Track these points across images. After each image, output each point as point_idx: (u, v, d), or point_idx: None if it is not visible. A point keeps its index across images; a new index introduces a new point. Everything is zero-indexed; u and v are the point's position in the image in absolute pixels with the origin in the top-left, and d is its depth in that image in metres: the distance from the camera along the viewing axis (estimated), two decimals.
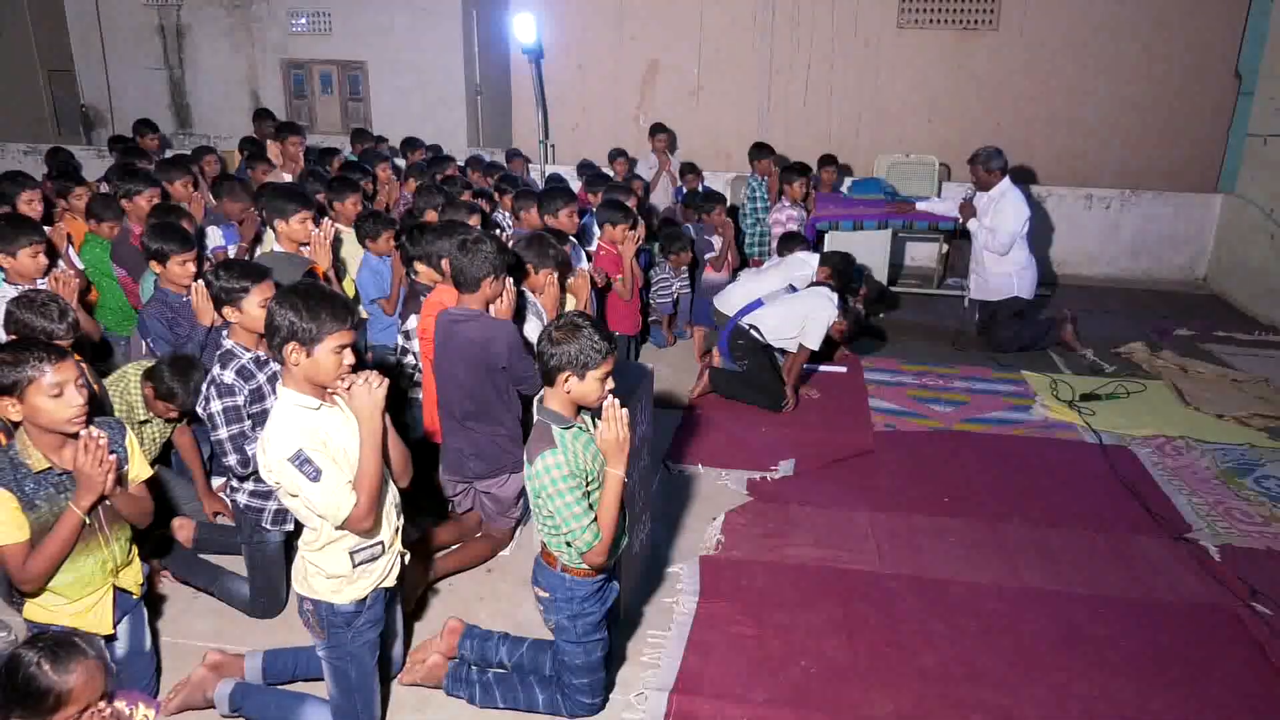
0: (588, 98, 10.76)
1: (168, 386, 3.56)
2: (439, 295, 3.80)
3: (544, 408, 2.65)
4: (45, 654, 1.97)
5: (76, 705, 1.97)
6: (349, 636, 2.65)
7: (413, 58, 10.23)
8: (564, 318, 2.66)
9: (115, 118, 11.19)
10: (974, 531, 4.16)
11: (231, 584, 3.54)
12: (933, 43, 9.97)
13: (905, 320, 7.61)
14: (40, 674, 1.94)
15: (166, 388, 3.57)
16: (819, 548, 4.00)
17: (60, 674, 1.95)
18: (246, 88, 10.92)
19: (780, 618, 3.48)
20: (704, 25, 10.36)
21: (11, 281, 3.94)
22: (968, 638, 3.40)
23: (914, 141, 9.87)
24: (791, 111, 10.38)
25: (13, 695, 1.95)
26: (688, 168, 8.47)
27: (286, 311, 2.43)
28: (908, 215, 7.67)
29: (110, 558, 2.73)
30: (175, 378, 3.56)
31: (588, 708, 2.89)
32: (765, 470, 4.73)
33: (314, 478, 2.41)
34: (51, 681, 1.94)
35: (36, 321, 3.15)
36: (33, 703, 1.94)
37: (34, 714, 1.95)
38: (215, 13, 10.70)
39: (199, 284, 3.77)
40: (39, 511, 2.53)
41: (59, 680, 1.95)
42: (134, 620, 2.92)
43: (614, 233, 5.58)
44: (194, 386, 3.52)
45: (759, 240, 7.96)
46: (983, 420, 5.43)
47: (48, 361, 2.48)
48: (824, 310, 5.29)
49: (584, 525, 2.55)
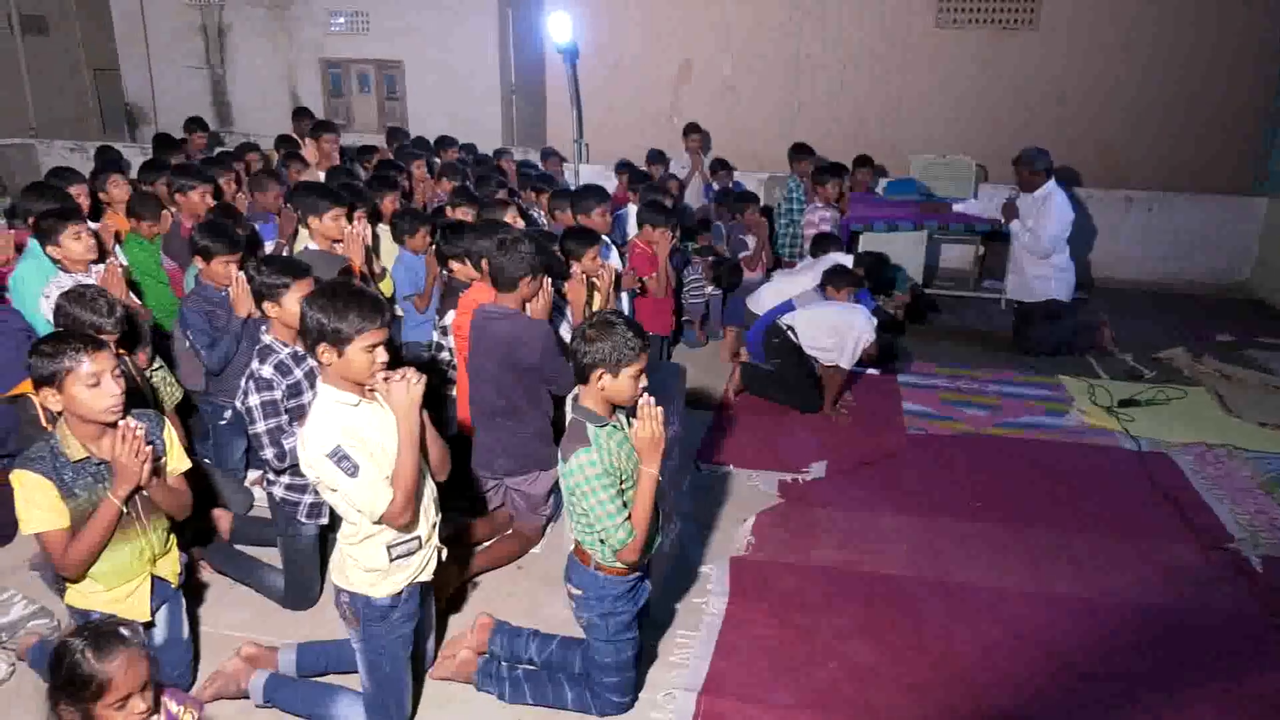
0: (620, 97, 10.77)
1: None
2: (475, 293, 3.83)
3: (579, 406, 2.66)
4: (89, 643, 2.02)
5: (118, 693, 2.02)
6: (384, 630, 2.68)
7: (448, 57, 10.31)
8: (598, 316, 2.67)
9: (158, 115, 11.40)
10: (1002, 536, 4.11)
11: (266, 576, 3.59)
12: (970, 42, 9.87)
13: (939, 323, 7.54)
14: (84, 661, 1.99)
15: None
16: (847, 551, 3.98)
17: (102, 662, 2.00)
18: (285, 86, 11.06)
19: (807, 620, 3.47)
20: (736, 25, 10.34)
21: (66, 270, 4.02)
22: (994, 643, 3.36)
23: (950, 142, 9.77)
24: (824, 112, 10.33)
25: (59, 681, 2.00)
26: (719, 164, 8.45)
27: (316, 312, 2.46)
28: (943, 217, 7.62)
29: (148, 547, 2.78)
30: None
31: (617, 706, 2.90)
32: (796, 472, 4.71)
33: (352, 473, 2.44)
34: (94, 669, 1.99)
35: (85, 315, 3.21)
36: (77, 689, 1.99)
37: (78, 700, 2.00)
38: (256, 12, 10.85)
39: (239, 275, 3.84)
40: (78, 500, 2.59)
41: (101, 668, 2.00)
42: (172, 609, 2.98)
43: (652, 233, 5.59)
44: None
45: (792, 241, 7.93)
46: (1016, 424, 5.37)
47: (85, 352, 2.54)
48: (860, 329, 5.23)
49: (618, 523, 2.56)
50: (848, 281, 5.52)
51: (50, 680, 2.04)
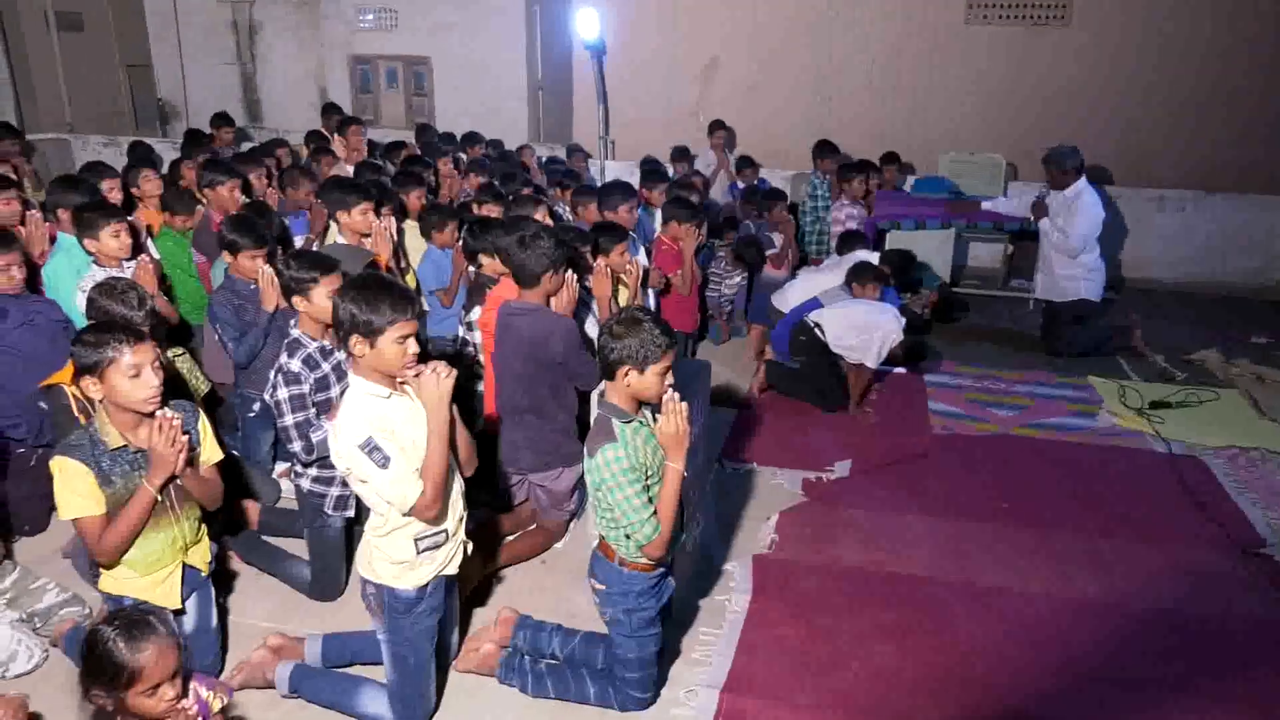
0: (646, 94, 10.76)
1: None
2: (503, 289, 3.84)
3: (605, 402, 2.67)
4: (121, 631, 2.05)
5: (149, 681, 2.05)
6: (409, 622, 2.70)
7: (476, 53, 10.35)
8: (624, 312, 2.67)
9: (190, 111, 11.53)
10: (1028, 539, 4.07)
11: (293, 567, 3.63)
12: (1000, 39, 9.76)
13: (966, 322, 7.48)
14: (116, 650, 2.03)
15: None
16: (871, 551, 3.96)
17: (134, 651, 2.04)
18: (314, 83, 11.15)
19: (830, 620, 3.46)
20: (763, 22, 10.29)
21: (100, 264, 4.08)
22: (1019, 647, 3.33)
23: (979, 139, 9.67)
24: (851, 109, 10.26)
25: (92, 669, 2.03)
26: (744, 162, 8.43)
27: (348, 304, 2.50)
28: (972, 215, 7.55)
29: (180, 535, 2.83)
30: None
31: (639, 702, 2.91)
32: (820, 471, 4.69)
33: (383, 465, 2.46)
34: (126, 657, 2.03)
35: (116, 308, 3.26)
36: (109, 677, 2.03)
37: (110, 688, 2.03)
38: (285, 9, 10.95)
39: (267, 268, 3.89)
40: (114, 487, 2.63)
41: (133, 656, 2.03)
42: (201, 597, 3.02)
43: (678, 230, 5.59)
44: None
45: (818, 238, 7.89)
46: (1044, 425, 5.31)
47: (127, 344, 2.60)
48: (887, 328, 5.19)
49: (643, 518, 2.56)
50: (873, 278, 5.48)
51: (82, 667, 2.08)
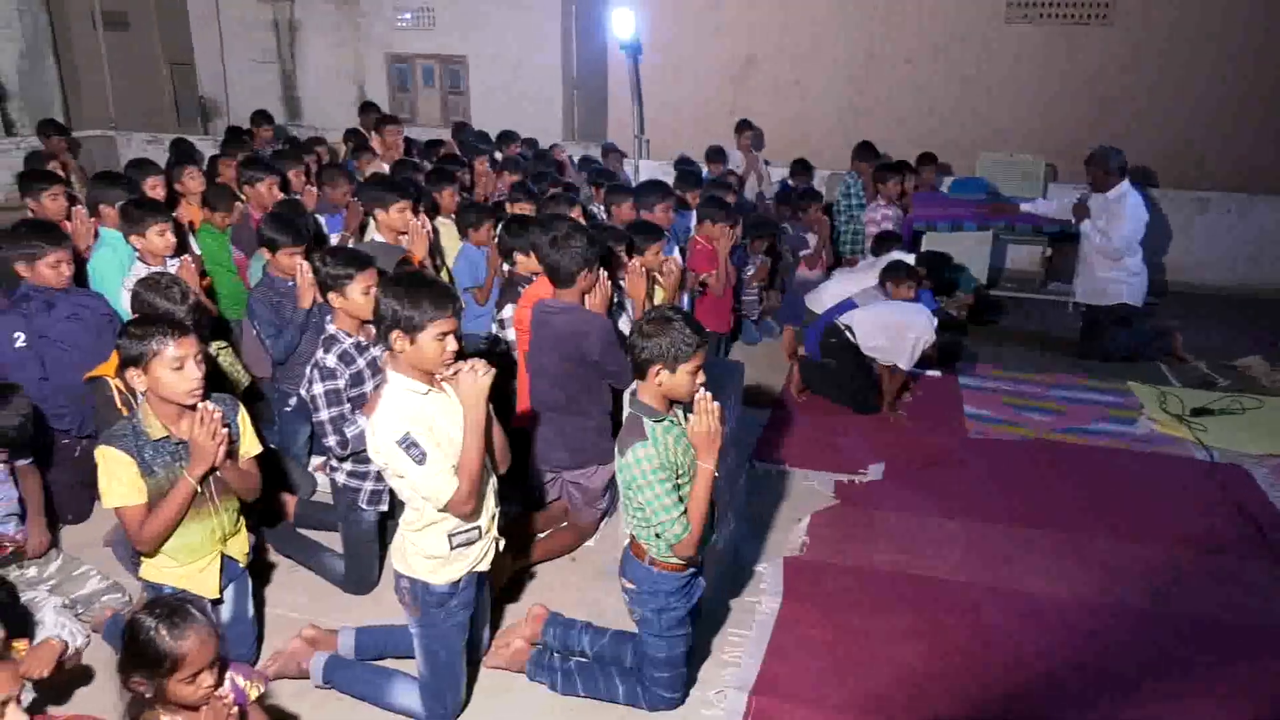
0: (681, 93, 10.74)
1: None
2: (539, 287, 3.86)
3: (636, 400, 2.67)
4: (163, 620, 2.09)
5: (190, 669, 2.09)
6: (441, 616, 2.72)
7: (511, 52, 10.41)
8: (655, 311, 2.67)
9: (230, 109, 11.71)
10: (1065, 545, 4.01)
11: (327, 559, 3.67)
12: (1041, 37, 9.62)
13: (1003, 325, 7.38)
14: (158, 638, 2.06)
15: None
16: (903, 554, 3.92)
17: (176, 639, 2.07)
18: (352, 81, 11.29)
19: (861, 623, 3.43)
20: (800, 20, 10.23)
21: (144, 261, 4.16)
22: (1055, 654, 3.28)
23: (1018, 140, 9.55)
24: (889, 109, 10.16)
25: (134, 657, 2.07)
26: (800, 166, 8.42)
27: (390, 300, 2.52)
28: (1010, 217, 7.45)
29: (219, 526, 2.88)
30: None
31: (668, 701, 2.90)
32: (853, 473, 4.66)
33: (420, 461, 2.48)
34: (168, 645, 2.06)
35: (160, 302, 3.32)
36: (151, 664, 2.06)
37: (152, 675, 2.07)
38: (325, 8, 11.09)
39: (304, 265, 3.94)
40: (156, 478, 2.68)
41: (174, 644, 2.07)
42: (238, 588, 3.07)
43: (712, 229, 5.58)
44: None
45: (852, 239, 7.84)
46: (1081, 431, 5.23)
47: (171, 337, 2.65)
48: (920, 329, 5.14)
49: (674, 518, 2.56)
50: (907, 277, 5.43)
51: (123, 654, 2.12)
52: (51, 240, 3.80)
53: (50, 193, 4.79)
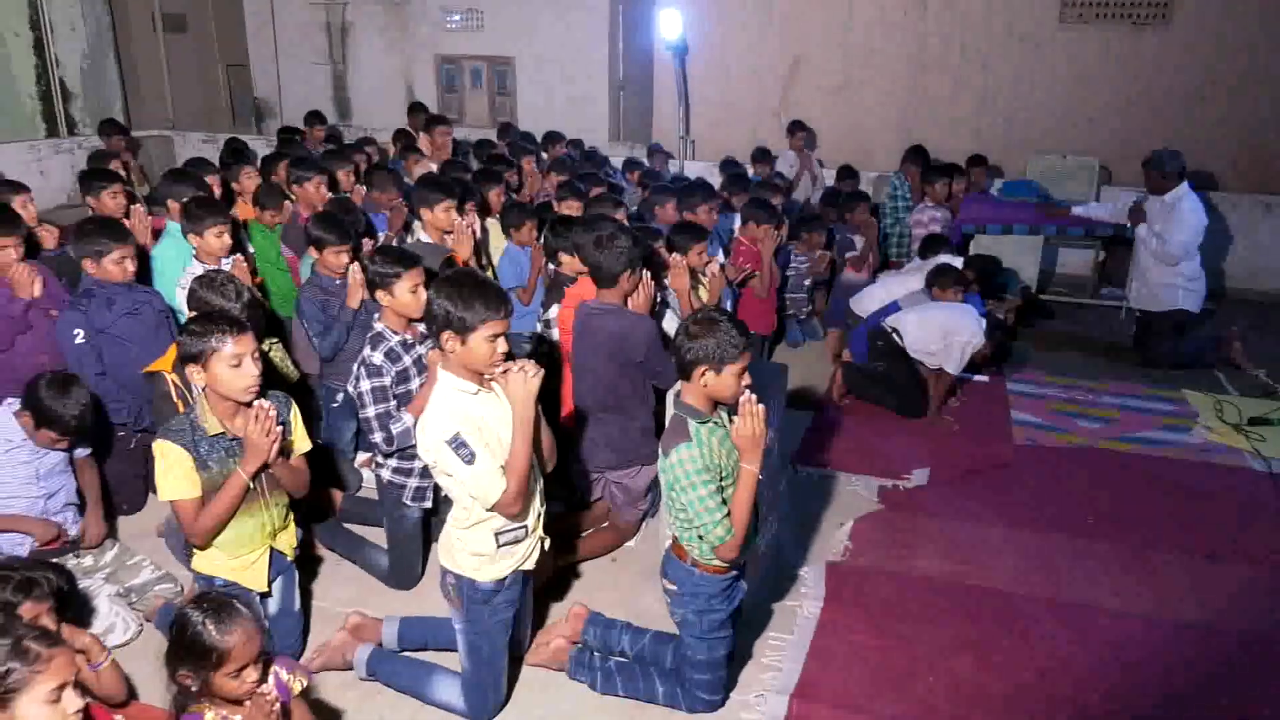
0: (729, 93, 10.71)
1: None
2: (582, 287, 3.87)
3: (680, 401, 2.67)
4: (209, 615, 2.13)
5: (236, 663, 2.13)
6: (486, 613, 2.74)
7: (559, 53, 10.46)
8: (702, 312, 2.67)
9: (283, 109, 11.92)
10: (1119, 556, 3.92)
11: (372, 554, 3.72)
12: (1097, 38, 9.43)
13: (1054, 330, 7.24)
14: (205, 632, 2.11)
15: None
16: (949, 561, 3.87)
17: (222, 634, 2.12)
18: (402, 82, 11.42)
19: (906, 630, 3.39)
20: (851, 21, 10.14)
21: (200, 260, 4.26)
22: (1107, 668, 3.21)
23: (1071, 142, 9.37)
24: (939, 109, 10.04)
25: (181, 650, 2.12)
26: (846, 172, 8.35)
27: (444, 301, 2.54)
28: (1062, 220, 7.31)
29: (269, 521, 2.93)
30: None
31: (707, 704, 2.90)
32: (897, 478, 4.61)
33: (469, 461, 2.50)
34: (215, 640, 2.11)
35: (215, 299, 3.39)
36: (197, 658, 2.11)
37: (199, 668, 2.12)
38: (376, 10, 11.24)
39: (355, 266, 3.99)
40: (210, 472, 2.74)
41: (221, 640, 2.12)
42: (286, 581, 3.12)
43: (756, 231, 5.56)
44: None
45: (898, 241, 7.76)
46: (1133, 439, 5.11)
47: (230, 334, 2.70)
48: (969, 333, 5.06)
49: (716, 519, 2.55)
50: (954, 281, 5.35)
51: (170, 647, 2.16)
52: (117, 237, 3.90)
53: (110, 191, 4.92)
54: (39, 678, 1.84)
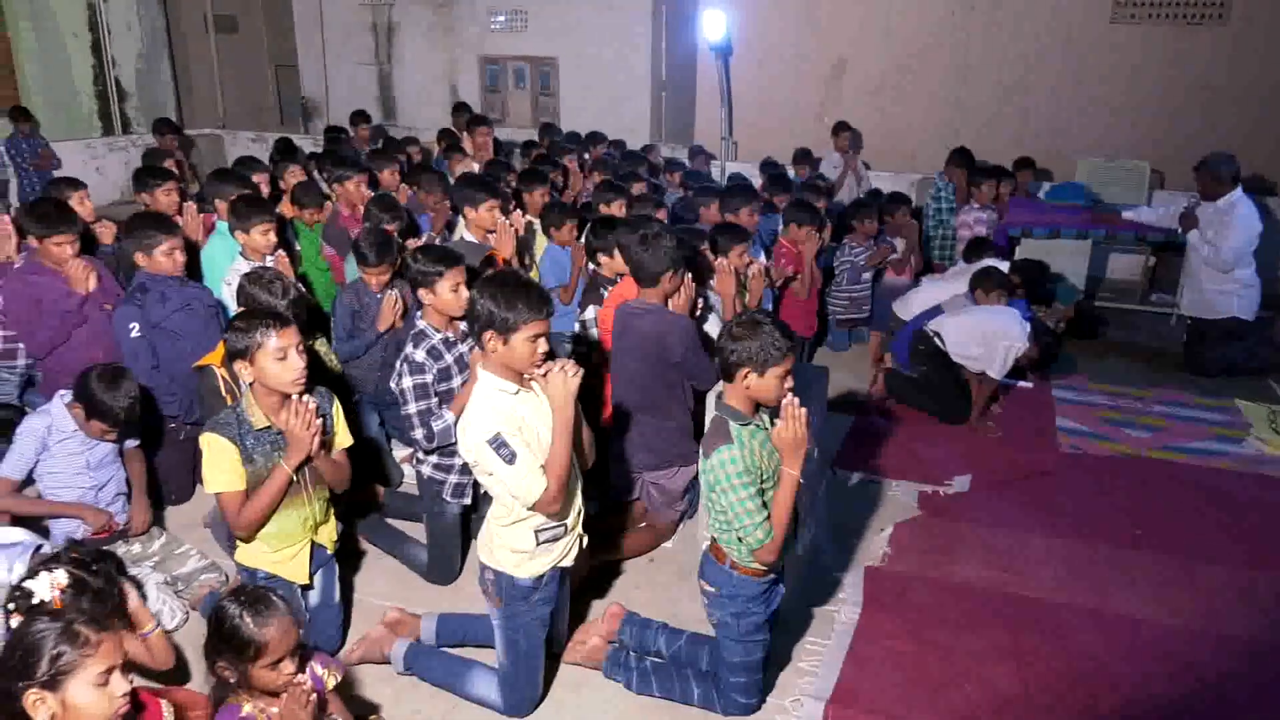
0: (770, 94, 10.65)
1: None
2: (624, 287, 3.88)
3: (722, 403, 2.66)
4: (247, 608, 2.18)
5: (273, 655, 2.18)
6: (524, 609, 2.76)
7: (602, 53, 10.49)
8: (745, 314, 2.66)
9: (330, 109, 12.10)
10: (1166, 568, 3.84)
11: (411, 549, 3.76)
12: (1149, 38, 9.23)
13: (1103, 337, 7.10)
14: (243, 625, 2.15)
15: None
16: (990, 569, 3.81)
17: (260, 627, 2.16)
18: (446, 82, 11.54)
19: (945, 638, 3.35)
20: (894, 21, 10.03)
21: (247, 257, 4.34)
22: (1152, 682, 3.15)
23: (1122, 145, 9.18)
24: (985, 111, 9.89)
25: (220, 643, 2.16)
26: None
27: (486, 301, 2.55)
28: (1111, 224, 7.16)
29: (311, 514, 2.97)
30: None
31: (743, 707, 2.88)
32: (938, 484, 4.55)
33: (509, 460, 2.52)
34: (252, 633, 2.15)
35: (262, 296, 3.45)
36: (236, 650, 2.15)
37: (237, 660, 2.16)
38: (422, 11, 11.36)
39: (392, 293, 4.09)
40: (255, 465, 2.79)
41: (258, 632, 2.16)
42: (327, 574, 3.16)
43: (798, 233, 5.53)
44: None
45: (941, 244, 7.66)
46: (1183, 449, 5.00)
47: (274, 328, 2.75)
48: (1013, 336, 4.99)
49: (756, 522, 2.54)
50: (997, 284, 5.27)
51: (210, 639, 2.20)
52: (165, 229, 3.99)
53: (164, 188, 5.02)
54: (88, 661, 1.88)
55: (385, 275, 4.18)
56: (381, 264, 4.16)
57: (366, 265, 4.17)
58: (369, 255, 4.15)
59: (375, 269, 4.16)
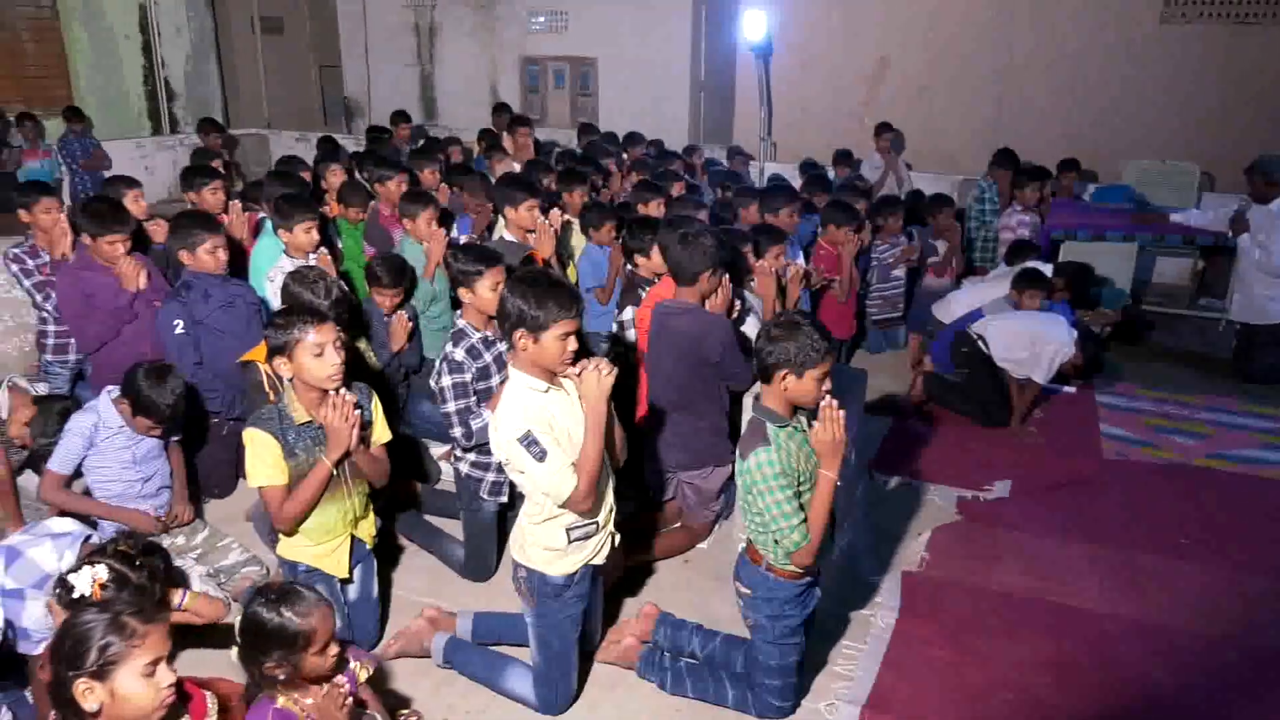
0: (810, 95, 10.58)
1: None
2: (662, 288, 3.87)
3: (760, 405, 2.65)
4: (283, 603, 2.21)
5: (321, 640, 2.21)
6: (556, 607, 2.78)
7: (641, 54, 10.49)
8: (784, 315, 2.65)
9: (372, 109, 12.24)
10: (1213, 579, 3.75)
11: (449, 546, 3.79)
12: (1199, 38, 9.03)
13: (1149, 342, 6.97)
14: (288, 620, 2.19)
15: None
16: (1030, 577, 3.75)
17: (302, 616, 2.20)
18: (486, 82, 11.61)
19: (982, 646, 3.30)
20: (937, 20, 9.92)
21: (290, 255, 4.41)
22: (1197, 696, 3.08)
23: (1171, 147, 8.98)
24: (1029, 112, 9.74)
25: (267, 643, 2.20)
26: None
27: (516, 299, 2.57)
28: (1158, 227, 7.02)
29: (351, 509, 3.01)
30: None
31: (777, 710, 2.87)
32: (978, 490, 4.49)
33: (540, 458, 2.53)
34: (299, 625, 2.20)
35: (305, 295, 3.51)
36: (286, 646, 2.20)
37: (290, 653, 2.20)
38: (463, 12, 11.45)
39: (400, 315, 4.25)
40: (297, 460, 2.83)
41: (304, 622, 2.20)
42: (365, 568, 3.21)
43: (837, 234, 5.49)
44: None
45: (983, 247, 7.56)
46: (1230, 457, 4.88)
47: (311, 324, 2.80)
48: (1059, 342, 4.91)
49: (793, 524, 2.53)
50: (1037, 286, 5.19)
51: (250, 645, 2.22)
52: (208, 228, 4.07)
53: (210, 187, 5.11)
54: (135, 652, 1.92)
55: (398, 298, 4.30)
56: (396, 286, 4.28)
57: (380, 286, 4.25)
58: (383, 277, 4.24)
59: (389, 291, 4.26)
